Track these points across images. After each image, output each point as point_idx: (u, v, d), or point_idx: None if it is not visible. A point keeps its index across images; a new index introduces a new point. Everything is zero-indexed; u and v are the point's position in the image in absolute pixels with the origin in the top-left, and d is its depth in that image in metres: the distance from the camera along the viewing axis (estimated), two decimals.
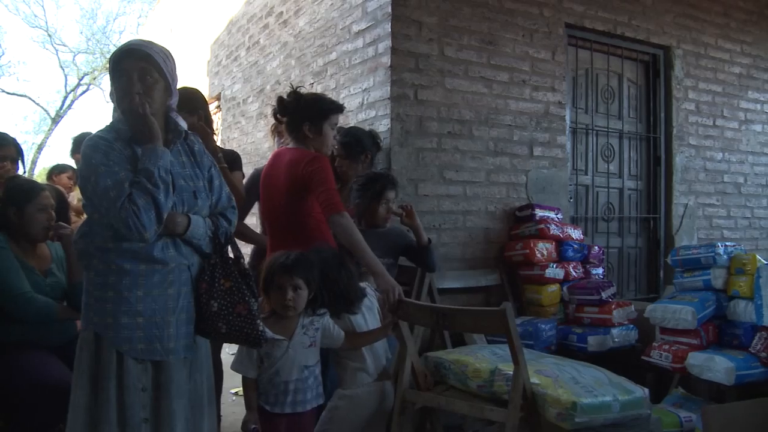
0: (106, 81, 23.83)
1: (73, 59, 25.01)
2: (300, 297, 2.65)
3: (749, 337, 3.58)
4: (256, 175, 3.67)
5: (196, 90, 3.63)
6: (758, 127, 6.27)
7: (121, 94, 2.19)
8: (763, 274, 3.58)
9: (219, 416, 3.39)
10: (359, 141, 3.73)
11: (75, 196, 4.93)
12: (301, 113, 3.15)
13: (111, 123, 2.22)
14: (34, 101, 26.14)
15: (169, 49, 2.32)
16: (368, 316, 2.91)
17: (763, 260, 3.74)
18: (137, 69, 2.17)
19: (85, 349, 2.14)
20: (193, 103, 3.31)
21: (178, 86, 2.36)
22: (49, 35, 24.51)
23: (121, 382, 2.10)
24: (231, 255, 2.35)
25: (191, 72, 8.33)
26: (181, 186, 2.24)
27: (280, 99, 3.19)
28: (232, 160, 3.55)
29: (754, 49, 6.21)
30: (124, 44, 2.26)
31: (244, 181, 3.76)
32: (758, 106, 6.27)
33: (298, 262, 2.66)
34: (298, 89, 3.19)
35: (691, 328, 3.66)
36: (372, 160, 3.84)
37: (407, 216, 3.44)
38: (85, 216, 2.31)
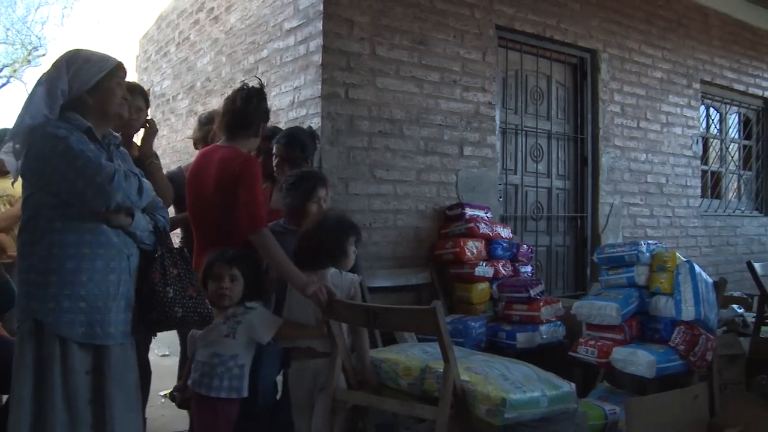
0: (28, 74, 22.79)
1: None
2: (236, 287, 2.82)
3: (669, 332, 3.70)
4: (170, 177, 3.66)
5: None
6: (678, 130, 6.51)
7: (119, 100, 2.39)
8: (682, 271, 3.71)
9: (144, 418, 3.33)
10: (304, 148, 3.66)
11: None
12: (260, 112, 3.16)
13: (62, 117, 2.26)
14: None
15: (96, 43, 2.37)
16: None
17: (682, 258, 3.86)
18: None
19: (27, 341, 2.17)
20: (146, 96, 3.36)
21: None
22: None
23: (66, 368, 2.17)
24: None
25: None
26: None
27: (253, 88, 3.15)
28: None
29: (673, 55, 6.45)
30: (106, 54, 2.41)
31: None
32: (678, 110, 6.51)
33: (237, 254, 2.85)
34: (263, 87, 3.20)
35: (616, 324, 3.74)
36: (312, 160, 3.81)
37: None
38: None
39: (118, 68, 2.38)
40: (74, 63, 2.29)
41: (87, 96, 2.29)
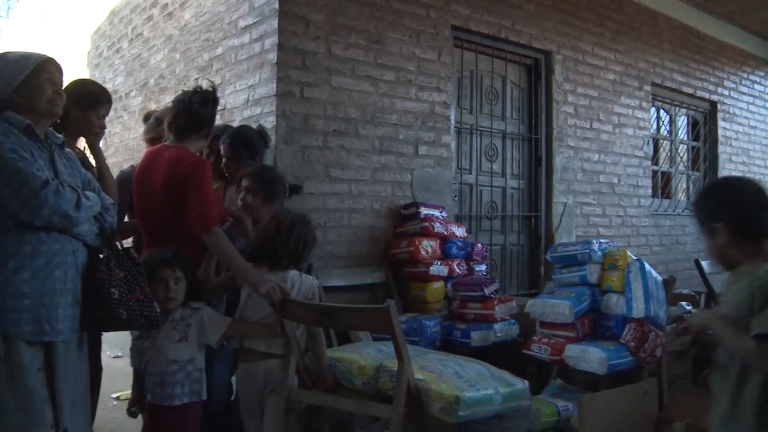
0: None
1: None
2: (180, 288, 2.79)
3: (620, 329, 3.75)
4: (121, 177, 3.62)
5: None
6: (630, 131, 6.63)
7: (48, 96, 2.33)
8: (632, 270, 3.77)
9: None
10: (250, 146, 3.61)
11: None
12: (214, 115, 3.14)
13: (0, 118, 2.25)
14: None
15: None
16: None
17: (633, 256, 3.93)
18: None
19: None
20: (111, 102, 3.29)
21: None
22: None
23: (13, 367, 2.13)
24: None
25: (70, 63, 7.91)
26: None
27: (208, 91, 3.11)
28: None
29: (625, 58, 6.57)
30: (31, 52, 2.38)
31: None
32: (630, 111, 6.64)
33: (177, 255, 2.82)
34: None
35: (569, 322, 3.78)
36: (261, 159, 3.76)
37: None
38: None
39: (47, 63, 2.34)
40: None
41: (16, 95, 2.27)
